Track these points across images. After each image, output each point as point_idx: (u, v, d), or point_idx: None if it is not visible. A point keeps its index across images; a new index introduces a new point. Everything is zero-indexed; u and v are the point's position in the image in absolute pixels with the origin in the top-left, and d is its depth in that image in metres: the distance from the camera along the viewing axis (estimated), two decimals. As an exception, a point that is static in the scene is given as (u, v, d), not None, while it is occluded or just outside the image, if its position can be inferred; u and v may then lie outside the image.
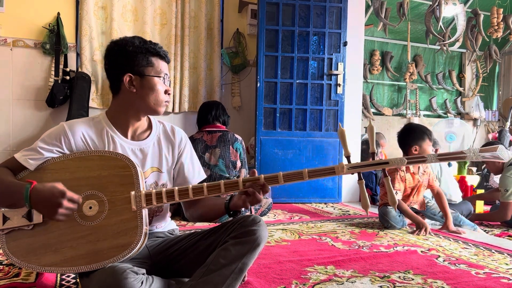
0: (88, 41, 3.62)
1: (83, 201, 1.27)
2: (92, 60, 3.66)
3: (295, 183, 1.35)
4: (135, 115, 1.44)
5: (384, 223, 2.77)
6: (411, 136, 2.79)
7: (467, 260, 2.06)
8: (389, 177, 1.32)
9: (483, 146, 3.62)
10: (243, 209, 1.40)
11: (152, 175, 1.45)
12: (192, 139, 2.99)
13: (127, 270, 1.18)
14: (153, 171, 1.45)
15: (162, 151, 1.49)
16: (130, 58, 1.38)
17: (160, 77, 1.41)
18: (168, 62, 1.46)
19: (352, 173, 1.34)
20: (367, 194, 1.31)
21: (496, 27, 5.15)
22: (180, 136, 1.55)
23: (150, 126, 1.50)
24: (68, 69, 3.58)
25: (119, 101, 1.42)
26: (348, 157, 1.33)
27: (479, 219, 3.28)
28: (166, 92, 1.43)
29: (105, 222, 1.26)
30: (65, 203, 1.20)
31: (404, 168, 2.77)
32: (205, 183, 1.30)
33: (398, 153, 5.39)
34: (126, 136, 1.43)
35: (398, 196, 2.68)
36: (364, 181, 1.34)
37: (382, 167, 1.32)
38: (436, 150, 4.08)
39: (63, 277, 1.66)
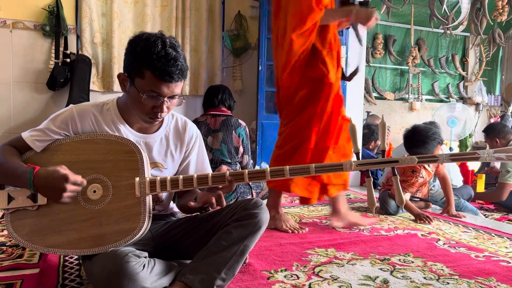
0: (89, 23, 3.59)
1: (87, 185, 1.27)
2: (92, 43, 3.63)
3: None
4: None
5: (384, 209, 2.79)
6: (422, 148, 2.58)
7: (467, 244, 2.07)
8: (398, 175, 1.29)
9: (485, 129, 3.61)
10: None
11: (153, 170, 1.42)
12: (196, 121, 2.98)
13: (129, 254, 1.19)
14: (156, 166, 1.42)
15: (169, 148, 1.45)
16: (129, 59, 1.29)
17: (141, 94, 1.25)
18: (171, 81, 1.25)
19: (360, 170, 1.31)
20: (373, 191, 1.30)
21: (501, 10, 5.08)
22: (191, 134, 1.50)
23: (162, 120, 1.43)
24: (68, 52, 3.55)
25: (126, 94, 1.36)
26: (357, 154, 1.30)
27: (477, 198, 3.30)
28: (154, 108, 1.29)
29: (109, 206, 1.26)
30: (69, 186, 1.19)
31: (424, 173, 2.70)
32: (210, 173, 1.30)
33: (399, 137, 5.38)
34: (132, 127, 1.39)
35: (407, 196, 2.67)
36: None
37: (392, 165, 1.29)
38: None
39: (66, 258, 1.68)
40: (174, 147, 1.46)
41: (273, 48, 2.25)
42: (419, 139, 2.61)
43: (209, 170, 1.56)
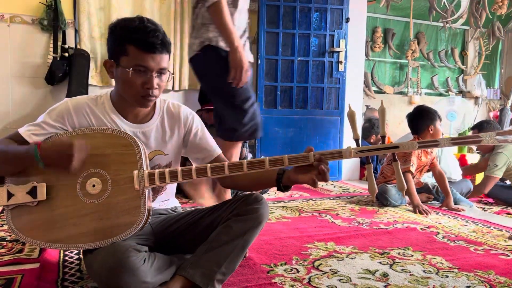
0: (87, 18, 3.56)
1: (86, 179, 1.27)
2: (91, 37, 3.61)
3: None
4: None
5: (384, 200, 2.80)
6: (427, 118, 2.86)
7: (466, 237, 2.08)
8: (398, 161, 1.29)
9: (473, 127, 3.62)
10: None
11: (155, 158, 1.42)
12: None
13: (130, 248, 1.19)
14: (157, 154, 1.42)
15: (166, 133, 1.44)
16: (110, 42, 1.31)
17: (128, 70, 1.26)
18: (157, 52, 1.26)
19: (360, 157, 1.30)
20: (374, 179, 1.29)
21: (500, 4, 5.06)
22: (185, 115, 1.48)
23: (154, 107, 1.44)
24: (66, 46, 3.53)
25: (115, 80, 1.36)
26: (357, 140, 1.28)
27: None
28: (144, 85, 1.28)
29: (108, 200, 1.26)
30: (76, 153, 1.20)
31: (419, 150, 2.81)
32: (209, 164, 1.28)
33: (398, 131, 5.39)
34: (127, 118, 1.38)
35: (412, 169, 2.74)
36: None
37: (392, 151, 1.27)
38: None
39: (67, 253, 1.68)
40: (171, 131, 1.45)
41: None
42: (423, 112, 2.90)
43: (216, 147, 1.52)
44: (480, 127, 3.49)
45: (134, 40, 1.25)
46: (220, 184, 1.53)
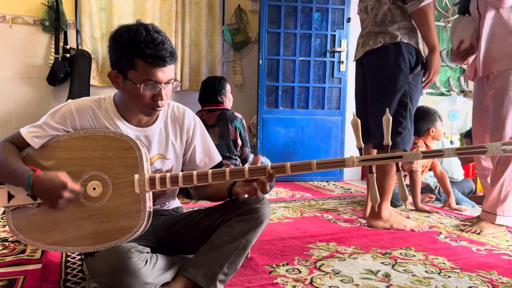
0: (88, 18, 3.57)
1: (87, 182, 1.26)
2: (92, 38, 3.61)
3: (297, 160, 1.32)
4: None
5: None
6: (428, 120, 2.89)
7: (468, 237, 2.08)
8: (401, 171, 1.28)
9: (465, 135, 3.60)
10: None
11: (157, 162, 1.41)
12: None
13: (131, 249, 1.19)
14: (159, 158, 1.41)
15: (168, 137, 1.43)
16: (116, 53, 1.25)
17: (138, 85, 1.23)
18: (165, 65, 1.23)
19: (363, 166, 1.29)
20: (377, 190, 1.27)
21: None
22: (189, 120, 1.47)
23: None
24: (68, 47, 3.54)
25: (121, 90, 1.33)
26: (360, 149, 1.26)
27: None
28: (154, 98, 1.26)
29: (109, 204, 1.25)
30: (66, 194, 1.18)
31: (423, 145, 2.86)
32: (210, 170, 1.27)
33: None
34: (130, 122, 1.37)
35: (418, 167, 2.76)
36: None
37: (396, 161, 1.25)
38: None
39: (69, 254, 1.68)
40: (174, 136, 1.44)
41: None
42: (424, 114, 2.90)
43: (217, 155, 1.54)
44: (471, 136, 3.48)
45: (143, 55, 1.20)
46: (194, 192, 1.52)
